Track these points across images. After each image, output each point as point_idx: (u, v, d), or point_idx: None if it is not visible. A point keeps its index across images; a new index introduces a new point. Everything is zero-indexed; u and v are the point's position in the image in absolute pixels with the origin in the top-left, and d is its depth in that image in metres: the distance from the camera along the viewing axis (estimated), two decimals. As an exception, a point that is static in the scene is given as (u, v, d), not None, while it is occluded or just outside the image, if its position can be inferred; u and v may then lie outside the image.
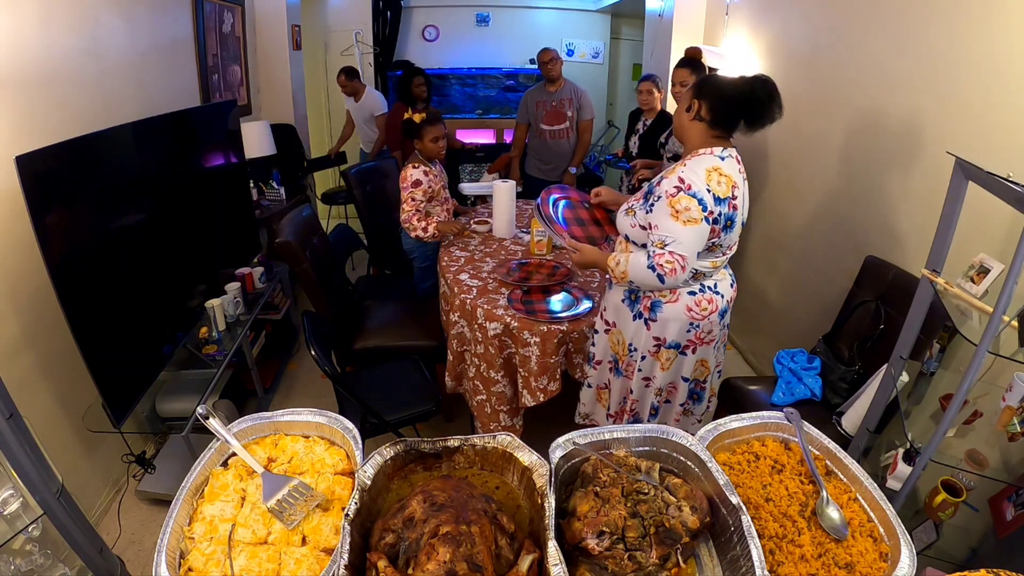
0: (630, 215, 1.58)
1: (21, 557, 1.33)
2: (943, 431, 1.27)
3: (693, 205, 1.41)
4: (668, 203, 1.43)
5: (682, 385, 1.73)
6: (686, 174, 1.43)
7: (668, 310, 1.59)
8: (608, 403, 1.86)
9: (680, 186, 1.42)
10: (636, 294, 1.64)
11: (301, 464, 1.02)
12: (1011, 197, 1.11)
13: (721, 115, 1.46)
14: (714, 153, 1.47)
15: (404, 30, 5.58)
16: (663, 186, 1.46)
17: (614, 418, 1.84)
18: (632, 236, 1.58)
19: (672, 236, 1.42)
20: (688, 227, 1.41)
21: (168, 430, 2.36)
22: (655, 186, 1.51)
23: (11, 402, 1.22)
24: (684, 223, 1.41)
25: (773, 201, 2.85)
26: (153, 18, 2.55)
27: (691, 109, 1.50)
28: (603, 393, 1.88)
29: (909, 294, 1.48)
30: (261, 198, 3.47)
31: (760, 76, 1.45)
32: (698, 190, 1.41)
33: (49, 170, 1.55)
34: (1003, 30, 1.57)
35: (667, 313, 1.59)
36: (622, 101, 6.05)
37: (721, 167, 1.46)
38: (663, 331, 1.62)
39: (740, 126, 1.47)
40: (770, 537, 0.91)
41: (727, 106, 1.44)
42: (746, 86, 1.44)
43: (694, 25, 3.69)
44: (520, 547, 0.84)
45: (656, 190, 1.48)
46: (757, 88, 1.42)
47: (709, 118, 1.47)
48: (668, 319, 1.60)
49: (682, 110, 1.55)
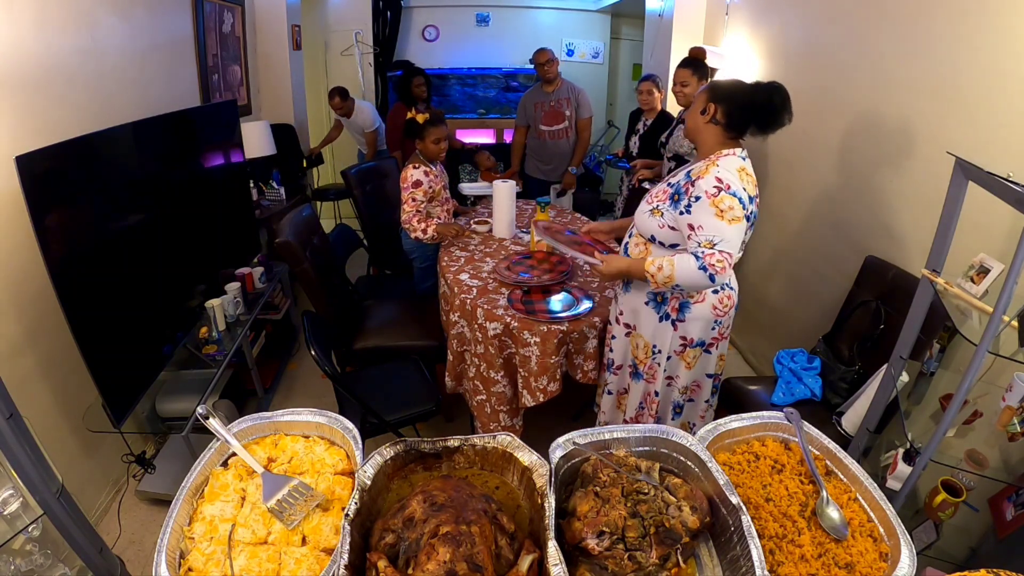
0: (656, 216, 1.58)
1: (21, 557, 1.33)
2: (943, 431, 1.27)
3: (735, 204, 1.44)
4: (711, 203, 1.44)
5: (706, 382, 1.76)
6: (722, 174, 1.45)
7: (696, 310, 1.62)
8: (626, 408, 1.86)
9: (720, 186, 1.44)
10: (663, 296, 1.65)
11: (301, 464, 1.02)
12: (1011, 197, 1.11)
13: (736, 120, 1.50)
14: (736, 154, 1.51)
15: (404, 30, 5.57)
16: (700, 186, 1.46)
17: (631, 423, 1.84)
18: (660, 237, 1.59)
19: (720, 235, 1.44)
20: (733, 225, 1.44)
21: (168, 430, 2.36)
22: (683, 187, 1.52)
23: (11, 402, 1.22)
24: (730, 222, 1.44)
25: (773, 201, 2.85)
26: (153, 18, 2.54)
27: (706, 112, 1.53)
28: (623, 399, 1.88)
29: (909, 294, 1.48)
30: (261, 198, 3.47)
31: (775, 83, 1.49)
32: (737, 189, 1.45)
33: (49, 170, 1.55)
34: (1003, 31, 1.57)
35: (695, 313, 1.62)
36: (622, 101, 6.04)
37: (746, 167, 1.51)
38: (689, 331, 1.65)
39: (752, 130, 1.52)
40: (770, 537, 0.91)
41: (743, 112, 1.49)
42: (763, 93, 1.48)
43: (694, 25, 3.69)
44: (520, 547, 0.84)
45: (690, 190, 1.49)
46: (774, 96, 1.46)
47: (724, 122, 1.51)
48: (695, 319, 1.63)
49: (696, 112, 1.57)
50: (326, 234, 2.70)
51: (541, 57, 3.58)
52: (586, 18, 5.79)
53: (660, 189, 1.62)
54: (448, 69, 5.69)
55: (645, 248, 1.65)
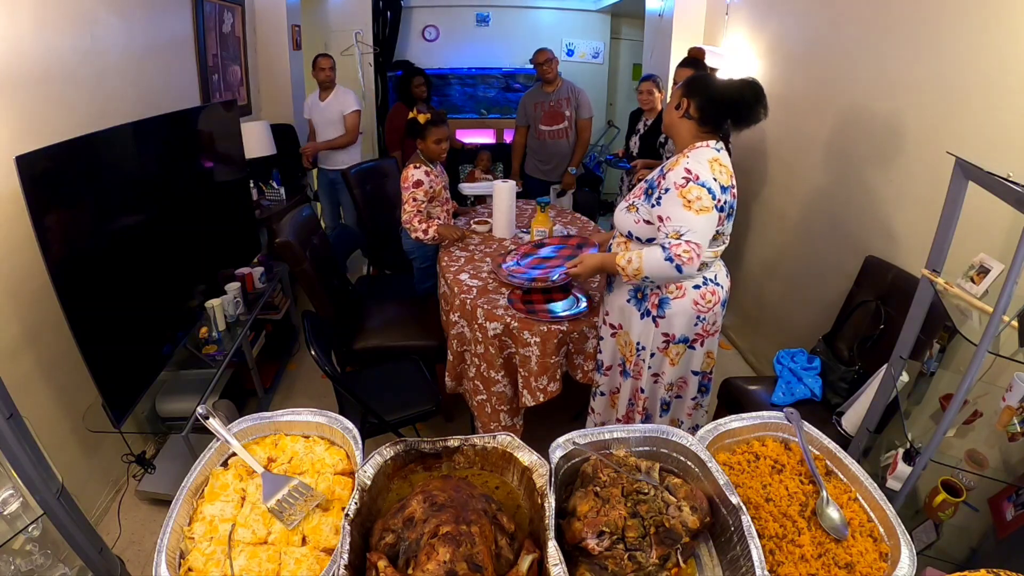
0: (632, 212, 1.60)
1: (21, 557, 1.33)
2: (943, 431, 1.27)
3: (704, 194, 1.44)
4: (679, 194, 1.45)
5: (692, 379, 1.75)
6: (691, 165, 1.46)
7: (676, 305, 1.61)
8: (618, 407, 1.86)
9: (688, 176, 1.45)
10: (643, 292, 1.65)
11: (301, 464, 1.02)
12: (1011, 197, 1.11)
13: (709, 114, 1.51)
14: (710, 146, 1.52)
15: (404, 30, 5.58)
16: (669, 178, 1.48)
17: (623, 422, 1.84)
18: (636, 232, 1.60)
19: (687, 225, 1.44)
20: (701, 215, 1.44)
21: (168, 430, 2.36)
22: (656, 180, 1.53)
23: (11, 402, 1.22)
24: (697, 212, 1.44)
25: (773, 201, 2.85)
26: (153, 18, 2.54)
27: (680, 107, 1.55)
28: (615, 398, 1.88)
29: (909, 294, 1.48)
30: (261, 198, 3.46)
31: (748, 79, 1.51)
32: (706, 180, 1.45)
33: (49, 170, 1.55)
34: (1003, 30, 1.57)
35: (675, 309, 1.61)
36: (622, 101, 6.04)
37: (720, 158, 1.51)
38: (671, 327, 1.64)
39: (727, 125, 1.53)
40: (770, 537, 0.91)
41: (715, 106, 1.50)
42: (734, 89, 1.50)
43: (694, 25, 3.69)
44: (520, 547, 0.84)
45: (661, 183, 1.50)
46: (745, 91, 1.48)
47: (697, 116, 1.52)
48: (676, 314, 1.62)
49: (671, 107, 1.59)
50: (326, 234, 2.70)
51: (540, 57, 3.58)
52: (586, 18, 5.80)
53: (638, 187, 1.63)
54: (448, 69, 5.70)
55: (625, 246, 1.66)
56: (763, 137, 2.87)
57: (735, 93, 1.49)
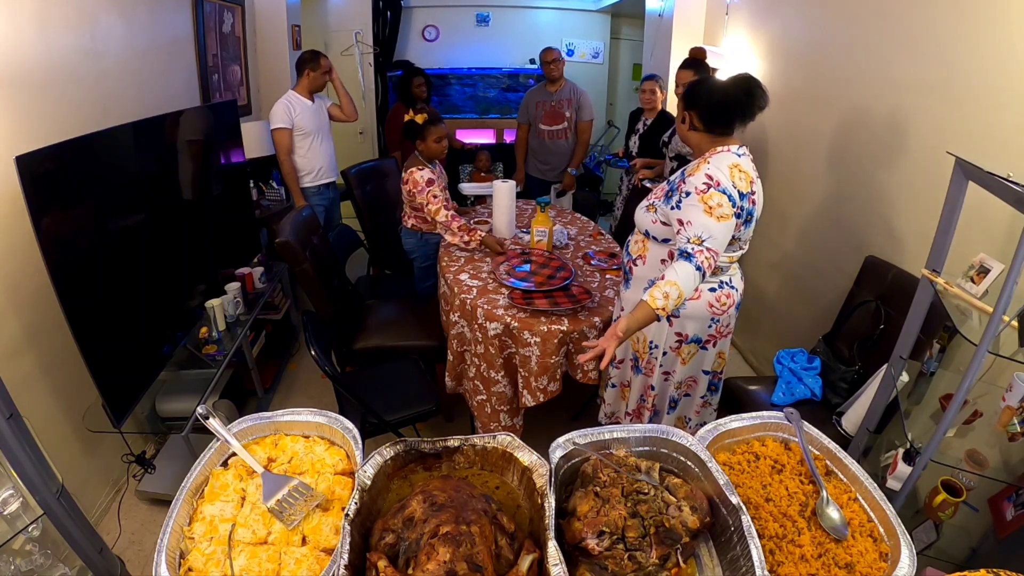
0: (651, 212, 1.62)
1: (21, 557, 1.33)
2: (943, 431, 1.27)
3: (724, 201, 1.45)
4: (700, 199, 1.45)
5: (702, 378, 1.78)
6: (712, 171, 1.47)
7: (692, 307, 1.62)
8: (628, 400, 1.89)
9: (709, 183, 1.46)
10: None
11: (301, 464, 1.02)
12: (1011, 197, 1.11)
13: (713, 120, 1.52)
14: (731, 151, 1.52)
15: (404, 30, 5.57)
16: (691, 183, 1.49)
17: (632, 416, 1.88)
18: (653, 232, 1.63)
19: (708, 231, 1.45)
20: (722, 223, 1.45)
21: (168, 430, 2.36)
22: (677, 184, 1.55)
23: (11, 402, 1.22)
24: (718, 219, 1.45)
25: (773, 201, 2.83)
26: (153, 18, 2.54)
27: (685, 121, 1.58)
28: (626, 391, 1.91)
29: (909, 294, 1.48)
30: (261, 198, 3.46)
31: (738, 77, 1.52)
32: (726, 186, 1.46)
33: (49, 170, 1.54)
34: (1003, 30, 1.57)
35: (690, 310, 1.63)
36: (622, 101, 6.04)
37: (740, 163, 1.51)
38: (685, 327, 1.67)
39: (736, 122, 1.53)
40: (770, 537, 0.91)
41: (715, 112, 1.52)
42: (725, 91, 1.51)
43: (694, 25, 3.69)
44: (520, 547, 0.84)
45: (682, 187, 1.51)
46: (734, 90, 1.50)
47: (702, 126, 1.54)
48: (690, 316, 1.64)
49: (679, 121, 1.62)
50: (326, 234, 2.70)
51: (548, 56, 3.60)
52: (586, 18, 5.79)
53: (660, 187, 1.66)
54: (448, 69, 5.69)
55: (643, 244, 1.68)
56: (763, 137, 2.87)
57: (726, 95, 1.50)
